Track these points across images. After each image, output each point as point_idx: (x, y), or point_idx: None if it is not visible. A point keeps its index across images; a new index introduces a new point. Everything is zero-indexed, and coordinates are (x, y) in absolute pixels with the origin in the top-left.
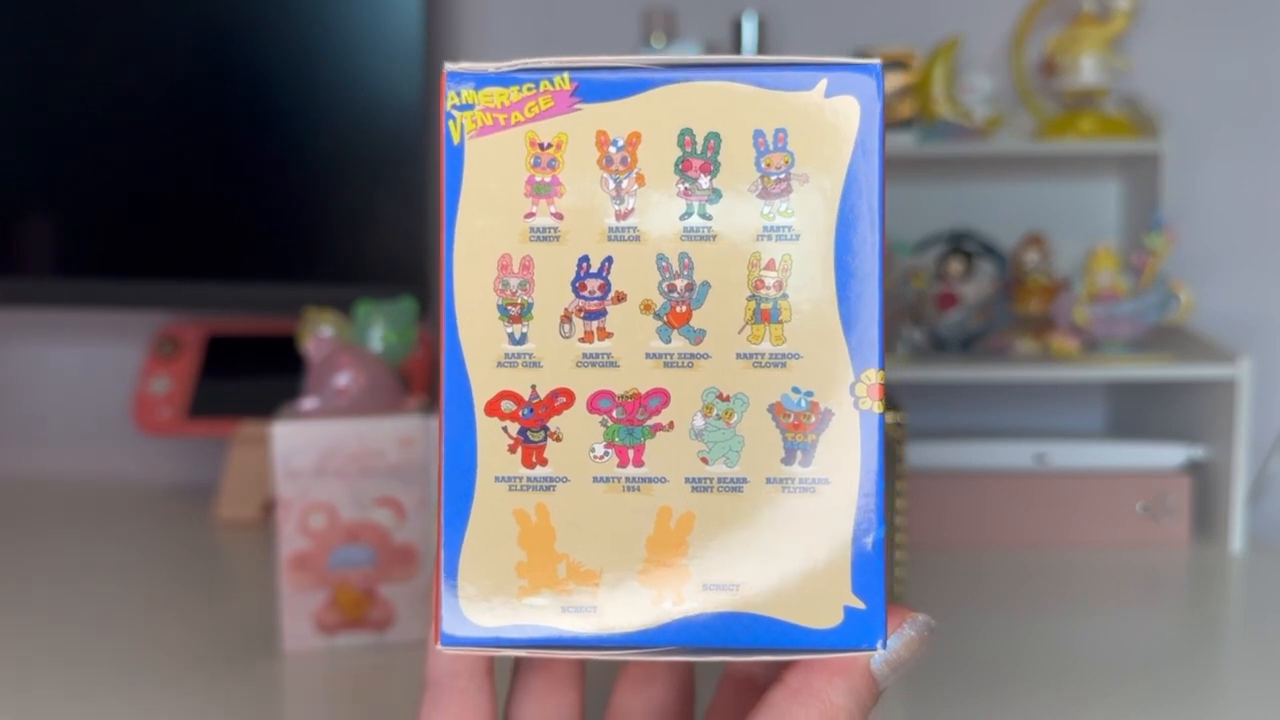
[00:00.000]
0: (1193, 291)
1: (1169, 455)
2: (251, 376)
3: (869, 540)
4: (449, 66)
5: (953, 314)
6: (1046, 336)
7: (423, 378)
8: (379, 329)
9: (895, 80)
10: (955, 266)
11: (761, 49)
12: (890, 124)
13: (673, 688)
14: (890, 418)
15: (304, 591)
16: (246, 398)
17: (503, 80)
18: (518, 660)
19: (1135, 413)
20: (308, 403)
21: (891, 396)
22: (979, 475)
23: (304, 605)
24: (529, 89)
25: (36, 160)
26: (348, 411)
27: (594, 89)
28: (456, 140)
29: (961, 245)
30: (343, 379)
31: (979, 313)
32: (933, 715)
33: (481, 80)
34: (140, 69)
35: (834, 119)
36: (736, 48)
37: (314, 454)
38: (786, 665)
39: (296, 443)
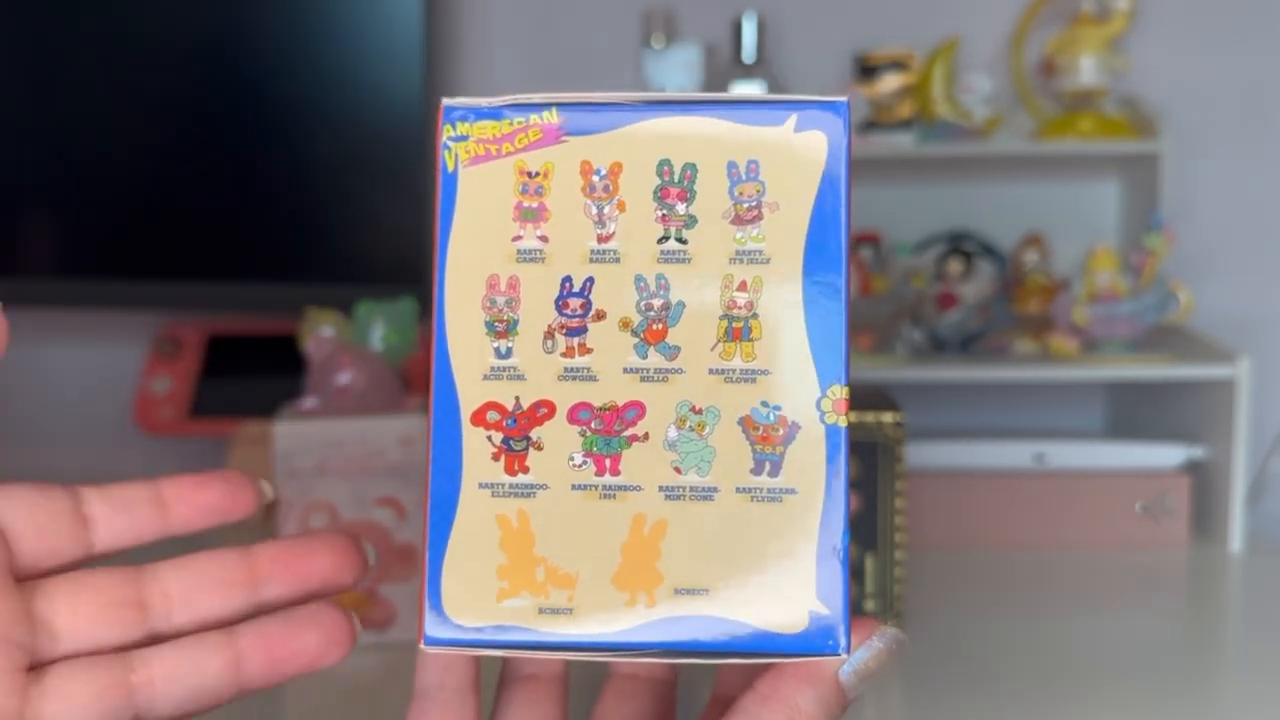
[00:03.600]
0: (1192, 291)
1: (1168, 455)
2: (252, 376)
3: (833, 548)
4: (446, 101)
5: (952, 314)
6: (1046, 336)
7: (423, 378)
8: (379, 329)
9: (894, 81)
10: (955, 266)
11: (761, 50)
12: (890, 124)
13: (654, 702)
14: (890, 418)
15: None
16: (247, 397)
17: (495, 114)
18: (502, 672)
19: (1134, 413)
20: (308, 402)
21: (891, 396)
22: (979, 475)
23: None
24: (519, 123)
25: (37, 160)
26: (348, 411)
27: (579, 122)
28: (451, 169)
29: (961, 245)
30: (343, 379)
31: (978, 313)
32: (932, 714)
33: (475, 114)
34: (141, 70)
35: (803, 152)
36: (736, 48)
37: (315, 454)
38: (759, 674)
39: (297, 442)
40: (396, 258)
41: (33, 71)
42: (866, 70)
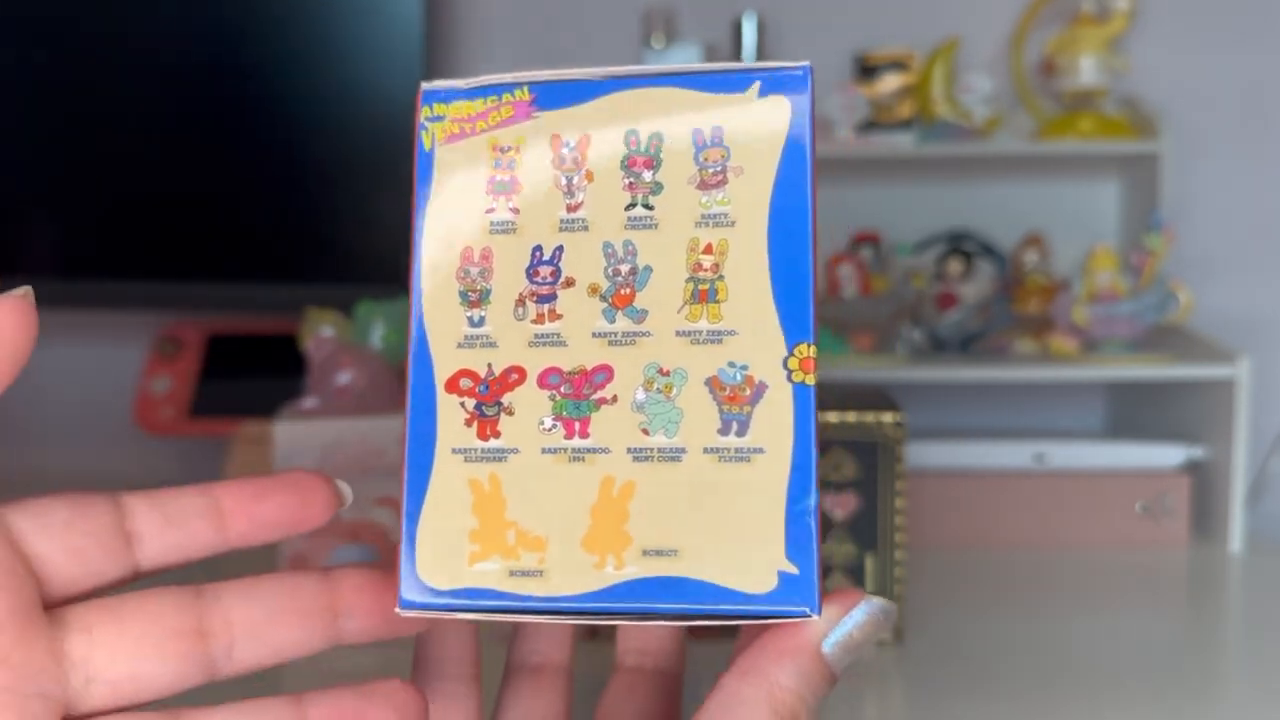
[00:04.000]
0: (1192, 291)
1: (1168, 455)
2: (252, 376)
3: (802, 507)
4: (424, 85)
5: (952, 314)
6: (1046, 336)
7: None
8: (379, 328)
9: (894, 81)
10: (955, 266)
11: (761, 50)
12: (890, 124)
13: (660, 695)
14: (890, 418)
15: None
16: (247, 397)
17: (470, 94)
18: (507, 663)
19: (1134, 413)
20: (308, 402)
21: (891, 396)
22: (979, 475)
23: None
24: (492, 101)
25: (37, 160)
26: (348, 411)
27: (549, 98)
28: (428, 147)
29: (961, 245)
30: (343, 378)
31: (978, 313)
32: (932, 714)
33: (452, 95)
34: (141, 70)
35: (766, 117)
36: (737, 48)
37: (315, 453)
38: (742, 650)
39: (297, 442)
40: (396, 258)
41: (33, 72)
42: (866, 70)
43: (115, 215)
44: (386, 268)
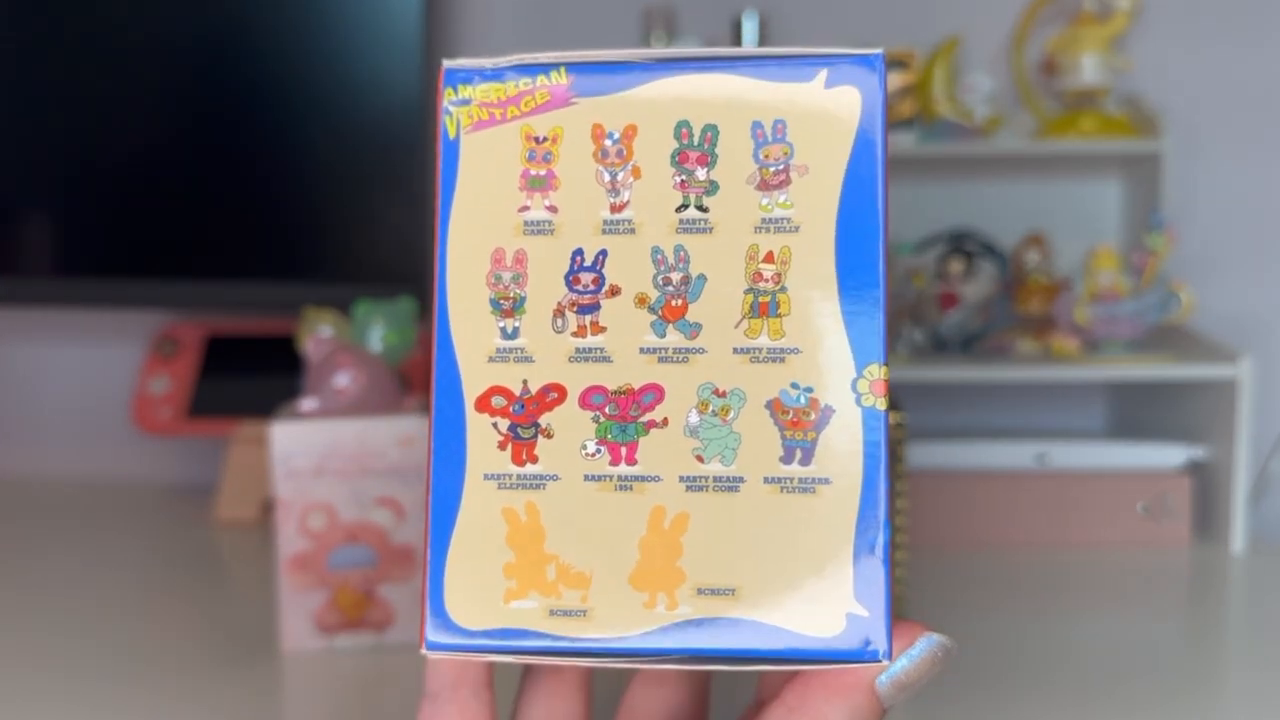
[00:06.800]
0: (1193, 291)
1: (1169, 455)
2: (251, 376)
3: (872, 544)
4: (446, 63)
5: (953, 314)
6: (1047, 336)
7: (422, 378)
8: (378, 329)
9: (895, 80)
10: (956, 266)
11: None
12: (891, 124)
13: (686, 690)
14: (891, 418)
15: (303, 592)
16: (246, 398)
17: (499, 76)
18: (526, 664)
19: (1136, 413)
20: (307, 403)
21: (892, 396)
22: (979, 475)
23: (303, 605)
24: (525, 84)
25: (36, 160)
26: (347, 412)
27: (590, 83)
28: (453, 135)
29: (962, 245)
30: (342, 379)
31: (979, 313)
32: (932, 714)
33: (479, 76)
34: (140, 69)
35: (834, 110)
36: (736, 46)
37: (313, 454)
38: (789, 681)
39: (296, 443)
40: (396, 258)
41: (32, 71)
42: None
43: (114, 215)
44: (386, 268)
